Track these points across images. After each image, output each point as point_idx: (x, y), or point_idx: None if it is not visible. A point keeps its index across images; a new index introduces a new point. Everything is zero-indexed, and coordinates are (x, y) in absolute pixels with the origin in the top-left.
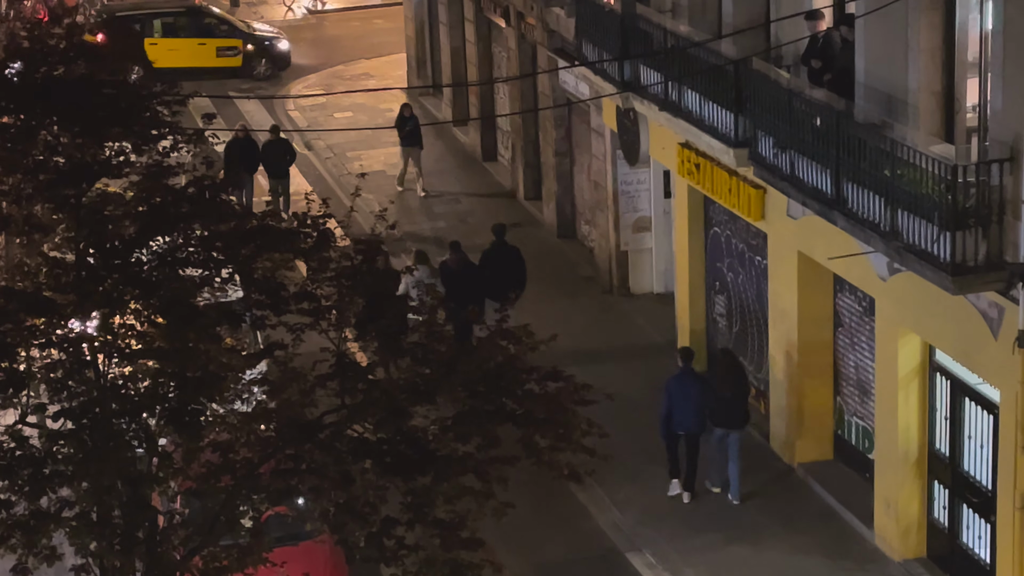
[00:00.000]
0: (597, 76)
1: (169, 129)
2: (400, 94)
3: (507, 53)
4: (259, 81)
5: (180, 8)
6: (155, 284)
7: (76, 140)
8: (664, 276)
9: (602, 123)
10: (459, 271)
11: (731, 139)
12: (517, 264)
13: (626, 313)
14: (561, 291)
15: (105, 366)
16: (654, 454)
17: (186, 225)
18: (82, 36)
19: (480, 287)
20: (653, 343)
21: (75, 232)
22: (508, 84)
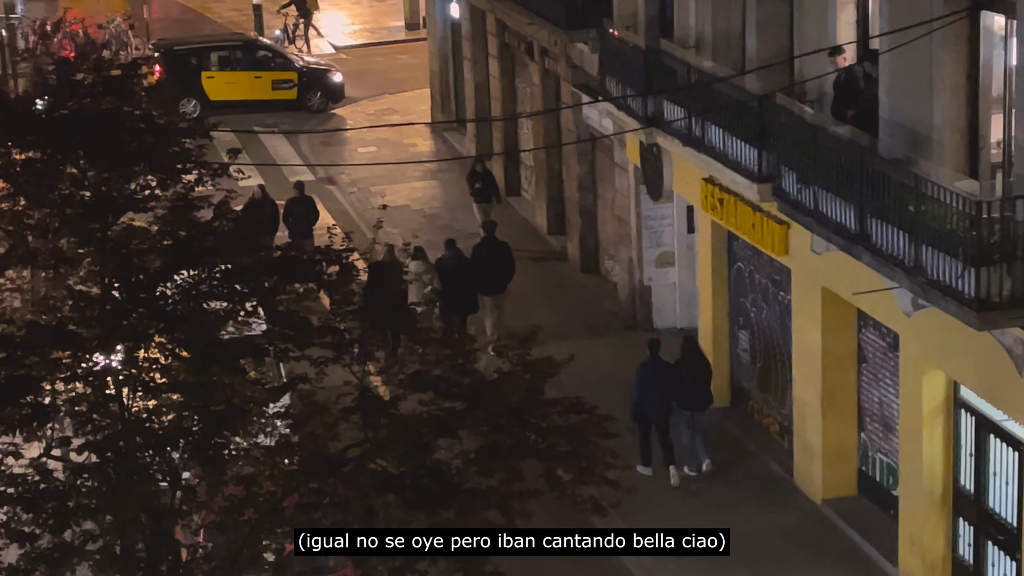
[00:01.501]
0: (621, 111)
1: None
2: (424, 130)
3: (531, 88)
4: (313, 113)
5: (236, 41)
6: (179, 318)
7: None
8: (687, 311)
9: (626, 158)
10: (454, 266)
11: (755, 174)
12: (506, 258)
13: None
14: (584, 326)
15: (129, 400)
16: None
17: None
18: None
19: (472, 280)
20: None
21: (100, 266)
22: (532, 119)
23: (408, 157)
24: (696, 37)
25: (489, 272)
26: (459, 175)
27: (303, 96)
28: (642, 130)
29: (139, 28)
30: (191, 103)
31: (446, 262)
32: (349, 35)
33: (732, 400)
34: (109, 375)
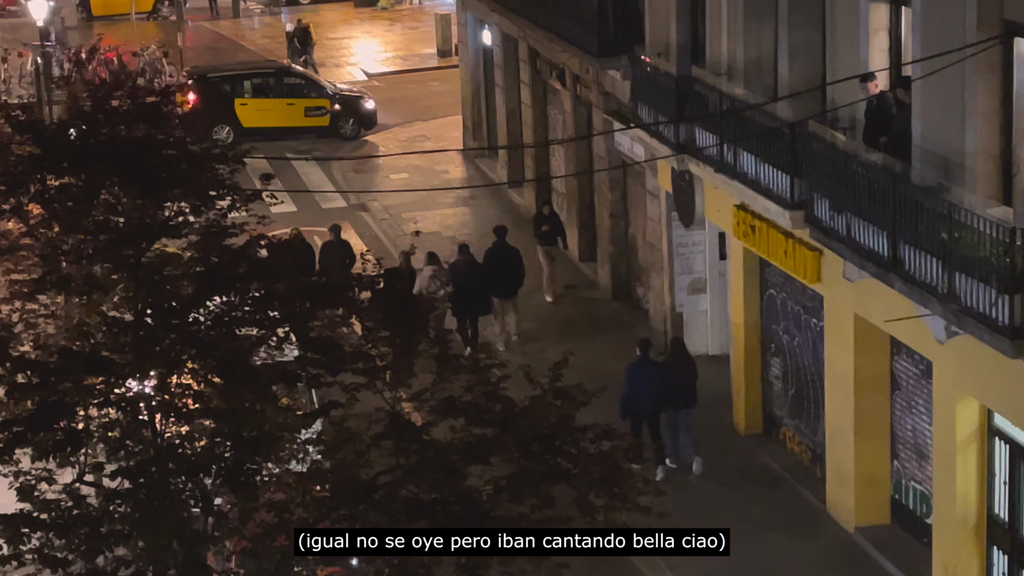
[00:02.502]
0: (652, 138)
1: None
2: (456, 156)
3: (562, 115)
4: (346, 140)
5: (270, 69)
6: (212, 344)
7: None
8: (719, 338)
9: (657, 185)
10: (467, 271)
11: (787, 201)
12: (516, 263)
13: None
14: (615, 353)
15: (162, 426)
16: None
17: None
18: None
19: (484, 284)
20: (709, 406)
21: (134, 292)
22: (563, 146)
23: (440, 184)
24: (728, 64)
25: (501, 275)
26: (490, 201)
27: (336, 123)
28: (674, 157)
29: (173, 56)
30: (224, 130)
31: (459, 267)
32: (381, 62)
33: (764, 427)
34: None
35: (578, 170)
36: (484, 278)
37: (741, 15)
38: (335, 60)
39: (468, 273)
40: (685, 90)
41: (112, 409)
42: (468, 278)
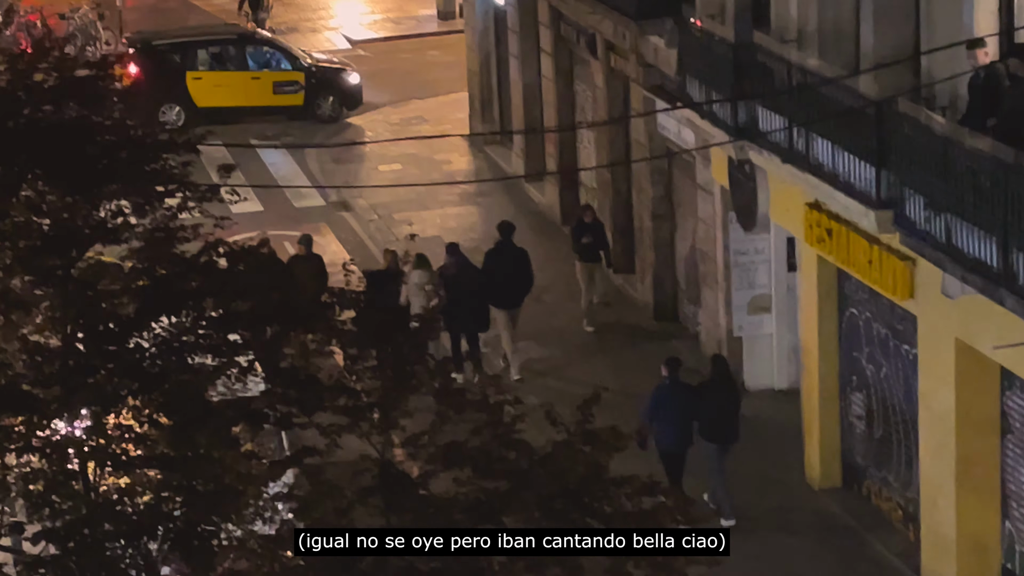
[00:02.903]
0: (705, 120)
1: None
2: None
3: (593, 92)
4: (324, 123)
5: (229, 35)
6: (158, 376)
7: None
8: (787, 369)
9: (711, 178)
10: (460, 277)
11: (872, 199)
12: (524, 267)
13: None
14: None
15: (96, 477)
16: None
17: (197, 302)
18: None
19: (483, 293)
20: (774, 452)
21: (62, 311)
22: (594, 130)
23: (441, 177)
24: (798, 29)
25: (504, 283)
26: (503, 199)
27: (311, 101)
28: (731, 144)
29: (110, 18)
30: (174, 110)
31: (448, 271)
32: (368, 27)
33: (844, 479)
34: (71, 446)
35: (612, 160)
36: (485, 286)
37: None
38: (310, 24)
39: (461, 279)
40: (745, 61)
41: (35, 456)
42: (461, 286)
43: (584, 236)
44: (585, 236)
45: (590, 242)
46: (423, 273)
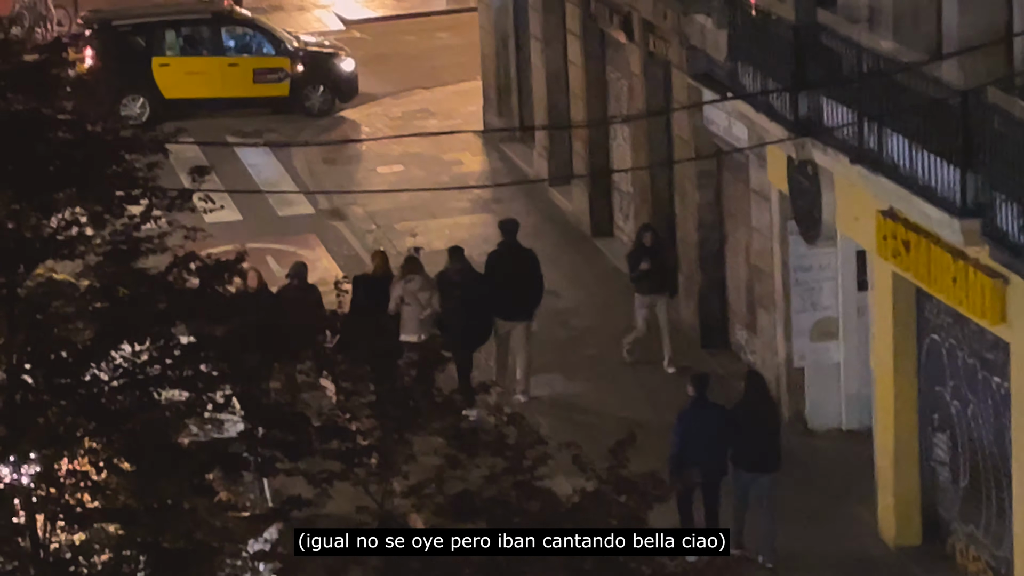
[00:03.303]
0: (760, 114)
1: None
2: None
3: (628, 80)
4: (313, 117)
5: (202, 15)
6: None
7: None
8: (857, 405)
9: (767, 182)
10: (461, 283)
11: (956, 206)
12: (532, 272)
13: (802, 459)
14: None
15: (47, 532)
16: None
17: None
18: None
19: (486, 302)
20: (842, 505)
21: (6, 338)
22: (630, 126)
23: (450, 180)
24: (870, 7)
25: (511, 290)
26: (523, 205)
27: (298, 92)
28: (791, 141)
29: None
30: (137, 102)
31: (451, 278)
32: (365, 4)
33: (924, 535)
34: (17, 496)
35: (651, 160)
36: (488, 294)
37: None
38: (298, 1)
39: (464, 287)
40: (808, 44)
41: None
42: (464, 294)
43: (642, 261)
44: (644, 261)
45: (649, 269)
46: (415, 279)
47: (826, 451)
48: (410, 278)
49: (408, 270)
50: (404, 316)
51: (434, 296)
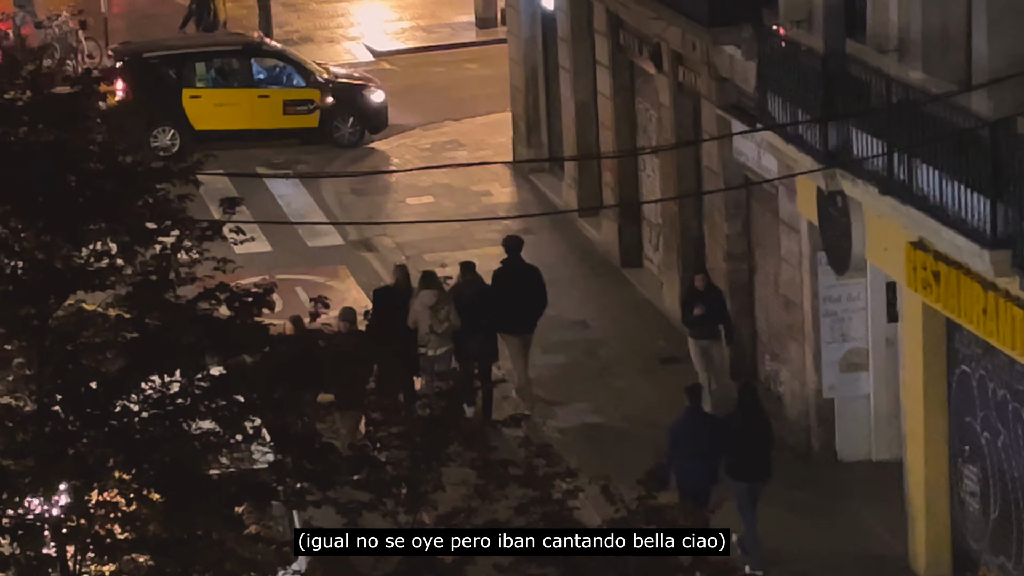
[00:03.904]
0: (789, 144)
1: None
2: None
3: (657, 111)
4: (343, 148)
5: (233, 46)
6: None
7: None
8: (887, 435)
9: (796, 212)
10: (476, 298)
11: (986, 236)
12: (536, 287)
13: (832, 490)
14: None
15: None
16: None
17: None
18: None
19: (493, 317)
20: (872, 536)
21: (36, 369)
22: (659, 156)
23: (479, 211)
24: (899, 37)
25: (516, 305)
26: (553, 236)
27: (328, 123)
28: (821, 172)
29: (94, 27)
30: (168, 134)
31: (465, 291)
32: (395, 36)
33: (954, 567)
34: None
35: (680, 191)
36: (494, 309)
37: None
38: (328, 33)
39: (477, 301)
40: (837, 74)
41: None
42: (477, 308)
43: (696, 306)
44: (698, 306)
45: (703, 314)
46: (431, 293)
47: (856, 482)
48: (428, 292)
49: (426, 284)
50: (422, 329)
51: (451, 310)
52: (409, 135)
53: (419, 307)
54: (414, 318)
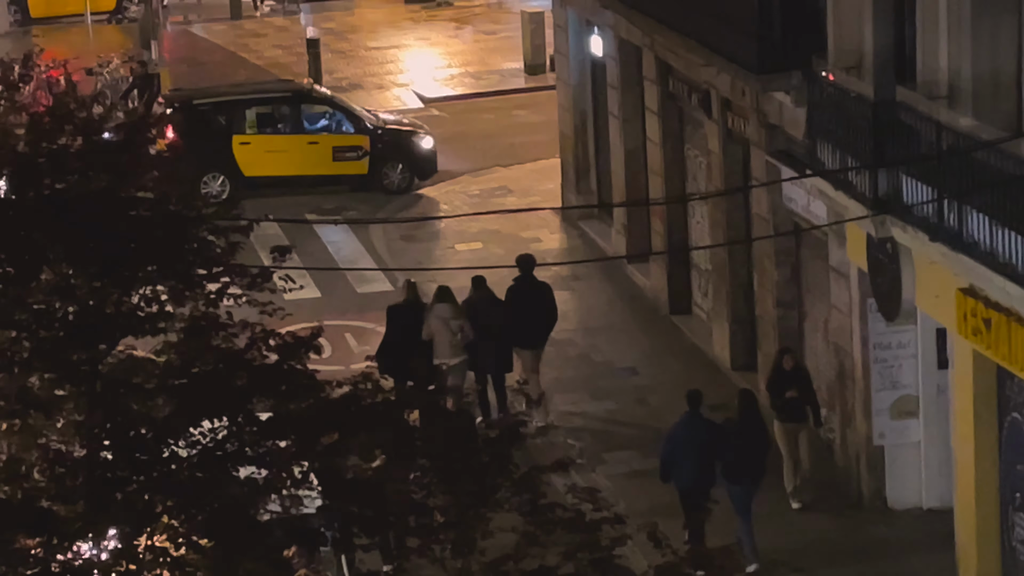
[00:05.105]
0: (839, 191)
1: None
2: (551, 219)
3: (707, 158)
4: (392, 195)
5: (283, 92)
6: (198, 490)
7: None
8: (938, 483)
9: (846, 259)
10: (490, 312)
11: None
12: (548, 303)
13: (883, 539)
14: (787, 503)
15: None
16: None
17: (243, 404)
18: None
19: (506, 332)
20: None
21: (87, 414)
22: (708, 203)
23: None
24: (949, 83)
25: (527, 320)
26: (601, 283)
27: (377, 170)
28: (871, 218)
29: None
30: (217, 180)
31: (480, 306)
32: (444, 82)
33: None
34: (97, 572)
35: (729, 238)
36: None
37: (968, 10)
38: (377, 79)
39: (490, 314)
40: (887, 121)
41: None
42: (490, 320)
43: (787, 388)
44: (788, 388)
45: (795, 396)
46: (446, 307)
47: (907, 530)
48: (443, 306)
49: (441, 298)
50: (437, 341)
51: (466, 323)
52: (458, 181)
53: (435, 320)
54: (430, 331)
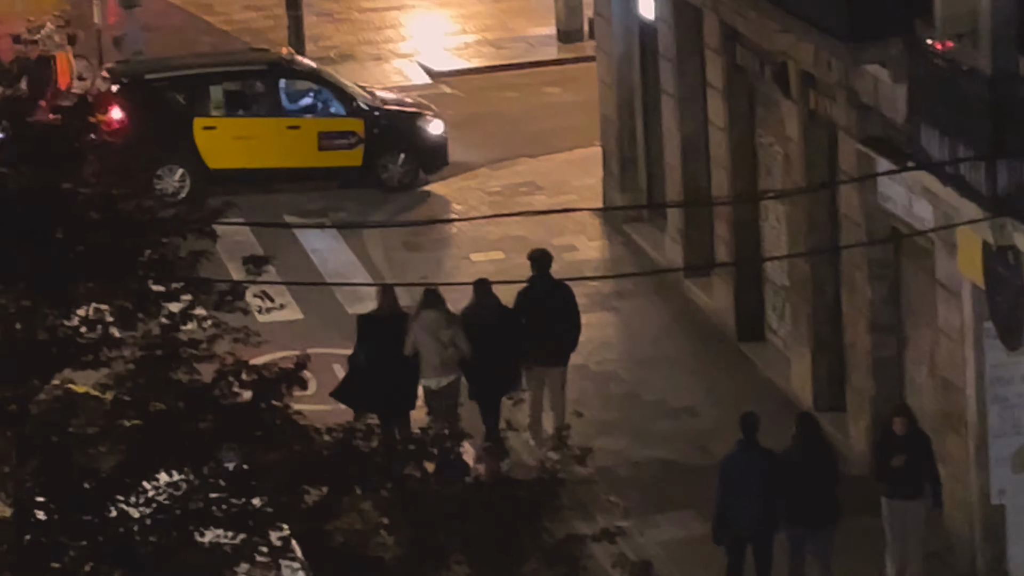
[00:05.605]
0: (948, 187)
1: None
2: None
3: (783, 147)
4: (392, 192)
5: (256, 65)
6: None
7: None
8: None
9: (957, 272)
10: (491, 323)
11: None
12: (569, 311)
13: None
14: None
15: None
16: None
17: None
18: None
19: (515, 344)
20: None
21: (15, 465)
22: (785, 203)
23: (562, 269)
24: None
25: (550, 329)
26: (652, 302)
27: (374, 160)
28: (988, 221)
29: (85, 41)
30: (175, 174)
31: (479, 315)
32: (456, 52)
33: None
34: None
35: (812, 246)
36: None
37: None
38: (374, 49)
39: (492, 327)
40: (1008, 101)
41: None
42: (492, 334)
43: (897, 452)
44: (899, 452)
45: (904, 466)
46: (435, 314)
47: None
48: (430, 313)
49: (426, 304)
50: (423, 357)
51: (458, 334)
52: (474, 176)
53: (419, 331)
54: (413, 343)
